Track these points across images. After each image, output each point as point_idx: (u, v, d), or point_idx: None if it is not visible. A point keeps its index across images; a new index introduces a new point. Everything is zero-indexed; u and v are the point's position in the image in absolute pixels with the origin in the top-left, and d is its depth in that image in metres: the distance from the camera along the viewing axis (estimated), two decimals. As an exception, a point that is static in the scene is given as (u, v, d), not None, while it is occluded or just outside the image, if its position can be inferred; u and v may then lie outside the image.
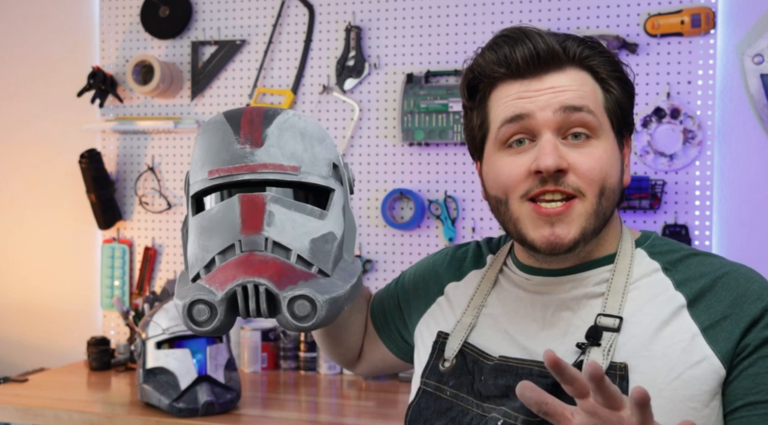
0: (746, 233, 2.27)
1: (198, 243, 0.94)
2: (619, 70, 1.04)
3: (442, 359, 1.11)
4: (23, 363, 2.86)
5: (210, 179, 0.94)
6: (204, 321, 0.88)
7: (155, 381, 2.06)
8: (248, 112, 0.97)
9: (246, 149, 0.93)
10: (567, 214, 0.98)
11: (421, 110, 2.45)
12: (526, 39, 1.00)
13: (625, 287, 1.02)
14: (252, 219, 0.91)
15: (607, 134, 1.02)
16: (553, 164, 0.97)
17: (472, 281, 1.17)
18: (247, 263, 0.89)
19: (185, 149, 2.75)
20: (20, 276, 2.94)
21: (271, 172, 0.93)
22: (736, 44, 2.25)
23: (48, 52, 2.90)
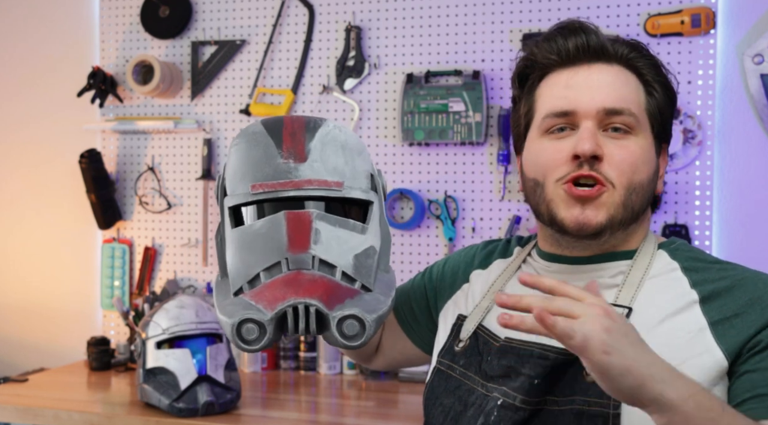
0: (746, 233, 2.27)
1: (240, 257, 0.93)
2: (663, 76, 1.09)
3: (457, 340, 1.15)
4: (23, 363, 2.86)
5: (253, 194, 0.93)
6: (253, 340, 0.89)
7: (155, 381, 2.06)
8: (289, 123, 0.97)
9: (290, 163, 0.94)
10: (598, 197, 1.03)
11: (421, 110, 2.45)
12: (581, 31, 1.08)
13: (640, 281, 1.04)
14: (299, 237, 0.92)
15: (646, 135, 1.06)
16: (590, 149, 1.01)
17: (496, 270, 1.22)
18: (296, 282, 0.90)
19: (185, 149, 2.75)
20: (20, 276, 2.94)
21: (316, 189, 0.93)
22: (736, 44, 2.25)
23: (48, 52, 2.90)
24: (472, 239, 2.46)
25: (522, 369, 1.03)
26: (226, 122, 2.71)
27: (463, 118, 2.41)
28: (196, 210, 2.74)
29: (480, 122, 2.40)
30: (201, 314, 2.15)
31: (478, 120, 2.40)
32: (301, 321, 0.89)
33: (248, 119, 2.68)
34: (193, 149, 2.74)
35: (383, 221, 1.02)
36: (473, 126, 2.40)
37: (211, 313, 2.19)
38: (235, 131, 2.70)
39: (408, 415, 2.06)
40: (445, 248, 2.48)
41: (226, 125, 2.71)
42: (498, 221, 2.44)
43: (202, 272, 2.74)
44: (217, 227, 0.99)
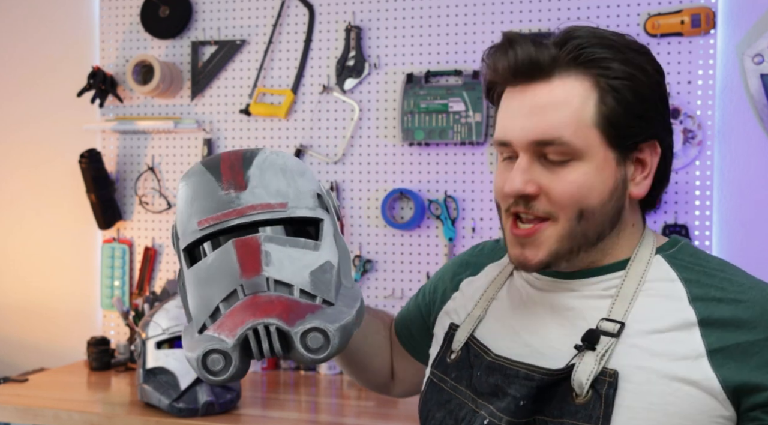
0: (746, 233, 2.27)
1: (198, 295, 0.93)
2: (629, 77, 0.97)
3: (449, 351, 1.12)
4: (23, 363, 2.86)
5: (200, 230, 0.94)
6: (220, 370, 0.88)
7: (155, 381, 2.06)
8: (226, 157, 0.97)
9: (231, 194, 0.94)
10: (535, 237, 0.99)
11: (421, 110, 2.45)
12: (509, 47, 0.98)
13: (634, 293, 0.98)
14: (250, 262, 0.91)
15: (593, 154, 0.97)
16: (513, 191, 0.98)
17: (488, 275, 1.18)
18: (253, 305, 0.89)
19: (185, 149, 2.75)
20: (20, 276, 2.94)
21: (260, 212, 0.94)
22: (736, 44, 2.25)
23: (48, 52, 2.90)
24: (472, 239, 2.46)
25: (508, 389, 1.00)
26: (226, 122, 2.71)
27: (463, 118, 2.41)
28: (196, 210, 2.73)
29: (480, 122, 2.40)
30: (201, 314, 2.14)
31: (478, 120, 2.40)
32: (264, 342, 0.88)
33: (248, 119, 2.68)
34: (193, 149, 2.74)
35: (339, 237, 1.01)
36: (473, 126, 2.40)
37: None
38: (235, 131, 2.70)
39: (408, 415, 2.06)
40: (445, 248, 2.48)
41: (226, 125, 2.71)
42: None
43: (202, 272, 2.73)
44: (177, 274, 1.01)
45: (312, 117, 2.62)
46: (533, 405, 0.98)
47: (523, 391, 0.98)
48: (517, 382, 0.99)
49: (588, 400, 0.94)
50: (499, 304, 1.12)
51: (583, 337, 0.97)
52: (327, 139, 2.60)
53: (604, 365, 0.94)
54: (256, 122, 2.68)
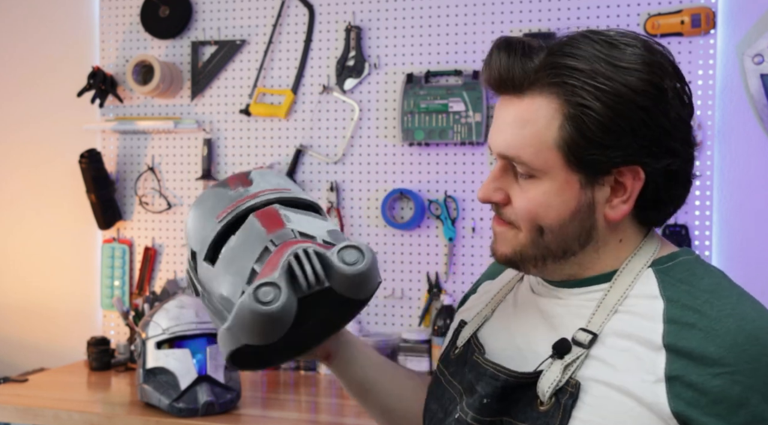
0: (746, 233, 2.27)
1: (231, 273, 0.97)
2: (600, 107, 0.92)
3: (454, 346, 1.14)
4: (23, 363, 2.85)
5: (219, 222, 1.00)
6: (271, 300, 0.90)
7: (155, 381, 2.06)
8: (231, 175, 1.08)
9: (239, 189, 1.03)
10: (502, 232, 1.03)
11: (421, 110, 2.45)
12: (490, 57, 0.99)
13: (614, 306, 0.97)
14: (273, 221, 0.99)
15: (554, 175, 0.96)
16: (481, 197, 1.03)
17: (503, 279, 1.20)
18: (287, 246, 0.95)
19: (185, 149, 2.75)
20: (20, 276, 2.94)
21: (270, 192, 1.02)
22: (736, 44, 2.25)
23: (48, 52, 2.90)
24: (472, 239, 2.46)
25: (477, 386, 1.02)
26: (226, 122, 2.71)
27: (463, 118, 2.41)
28: (196, 210, 2.73)
29: (480, 122, 2.40)
30: (201, 314, 2.15)
31: (478, 120, 2.40)
32: (307, 266, 0.92)
33: (248, 119, 2.68)
34: (193, 149, 2.74)
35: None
36: (473, 126, 2.40)
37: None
38: (235, 131, 2.70)
39: (408, 415, 2.06)
40: (445, 248, 2.48)
41: (226, 125, 2.71)
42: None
43: (202, 272, 2.73)
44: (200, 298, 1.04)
45: (312, 117, 2.62)
46: (497, 405, 0.99)
47: (488, 389, 1.00)
48: (484, 380, 1.01)
49: (549, 408, 0.95)
50: (505, 306, 1.13)
51: (554, 345, 0.97)
52: (327, 139, 2.60)
53: (570, 375, 0.95)
54: (256, 122, 2.68)
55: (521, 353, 1.03)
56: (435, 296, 2.49)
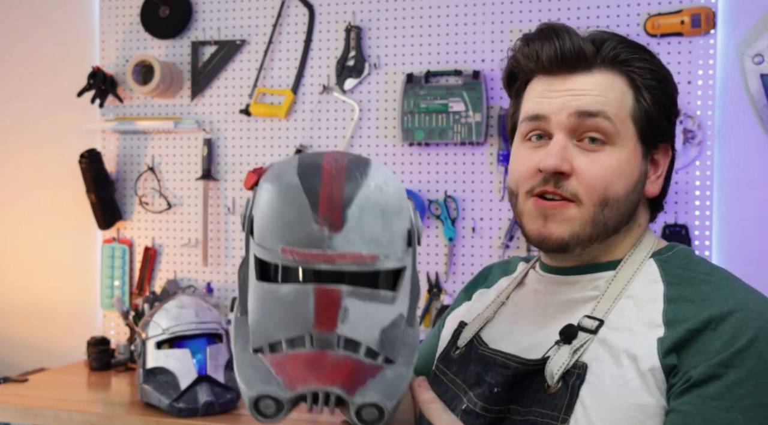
0: (746, 233, 2.27)
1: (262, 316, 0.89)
2: (658, 79, 1.03)
3: (454, 347, 1.14)
4: (23, 363, 2.86)
5: (283, 259, 0.87)
6: (270, 415, 0.87)
7: (155, 381, 2.06)
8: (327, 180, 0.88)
9: (324, 232, 0.86)
10: (560, 211, 1.00)
11: (421, 110, 2.45)
12: (554, 37, 1.01)
13: (619, 293, 1.00)
14: (326, 316, 0.87)
15: (627, 142, 1.00)
16: (552, 166, 0.98)
17: (500, 286, 1.20)
18: (319, 366, 0.87)
19: (185, 149, 2.75)
20: (20, 276, 2.94)
21: (349, 264, 0.87)
22: (736, 44, 2.25)
23: (48, 52, 2.90)
24: (472, 239, 2.46)
25: (485, 377, 1.03)
26: (226, 122, 2.71)
27: (463, 118, 2.41)
28: (196, 210, 2.74)
29: (480, 122, 2.40)
30: (201, 314, 2.15)
31: (478, 120, 2.40)
32: (320, 406, 0.87)
33: (248, 119, 2.68)
34: (193, 149, 2.74)
35: (414, 275, 0.96)
36: (473, 126, 2.40)
37: (211, 313, 2.19)
38: (235, 131, 2.70)
39: (408, 415, 2.06)
40: (445, 248, 2.48)
41: (226, 125, 2.71)
42: (498, 221, 2.44)
43: (202, 272, 2.74)
44: (241, 261, 0.94)
45: (312, 117, 2.62)
46: (507, 394, 1.00)
47: (498, 378, 1.01)
48: (493, 369, 1.03)
49: (557, 391, 0.96)
50: (507, 308, 1.14)
51: (560, 331, 0.99)
52: (327, 139, 2.60)
53: (577, 359, 0.97)
54: (256, 122, 2.68)
55: (526, 348, 1.04)
56: (435, 296, 2.49)
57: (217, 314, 2.21)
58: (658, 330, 0.95)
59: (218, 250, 2.72)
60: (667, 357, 0.92)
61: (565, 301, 1.05)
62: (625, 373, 0.94)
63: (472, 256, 2.47)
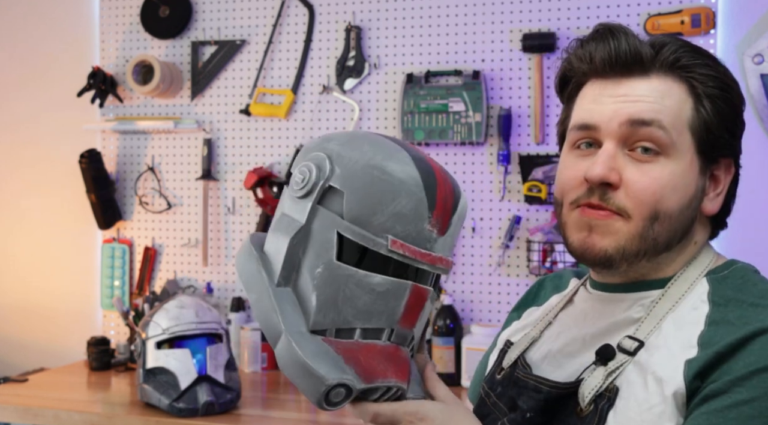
0: (746, 234, 2.27)
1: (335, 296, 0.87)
2: (722, 88, 0.96)
3: (500, 368, 1.10)
4: (23, 363, 2.85)
5: (390, 249, 0.87)
6: (337, 402, 0.87)
7: (155, 381, 2.06)
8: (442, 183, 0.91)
9: (433, 234, 0.89)
10: (606, 223, 0.94)
11: (421, 110, 2.45)
12: (610, 37, 0.95)
13: (665, 315, 0.94)
14: (412, 314, 0.90)
15: (682, 155, 0.94)
16: (598, 176, 0.92)
17: (551, 303, 1.15)
18: (395, 360, 0.89)
19: (185, 149, 2.75)
20: (20, 276, 2.94)
21: (442, 268, 0.91)
22: (736, 44, 2.25)
23: (48, 51, 2.90)
24: (472, 239, 2.46)
25: (518, 401, 0.99)
26: (226, 122, 2.71)
27: (463, 118, 2.41)
28: (196, 210, 2.74)
29: (480, 122, 2.40)
30: (201, 314, 2.15)
31: (478, 120, 2.40)
32: (384, 398, 0.89)
33: (248, 119, 2.68)
34: (193, 149, 2.74)
35: None
36: (473, 126, 2.40)
37: (211, 313, 2.19)
38: (235, 131, 2.69)
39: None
40: (445, 248, 2.47)
41: (226, 125, 2.71)
42: (498, 221, 2.44)
43: (202, 272, 2.74)
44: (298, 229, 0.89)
45: (312, 117, 2.62)
46: (540, 418, 0.97)
47: (531, 403, 0.97)
48: (526, 394, 0.99)
49: (588, 414, 0.92)
50: (554, 327, 1.09)
51: (597, 351, 0.94)
52: (327, 139, 2.60)
53: (611, 381, 0.92)
54: (256, 122, 2.68)
55: (564, 368, 1.00)
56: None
57: (217, 314, 2.21)
58: (691, 351, 0.89)
59: (218, 250, 2.72)
60: (693, 382, 0.87)
61: (610, 320, 0.99)
62: (650, 398, 0.89)
63: (472, 256, 2.47)
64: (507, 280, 2.44)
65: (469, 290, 2.48)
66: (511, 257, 2.43)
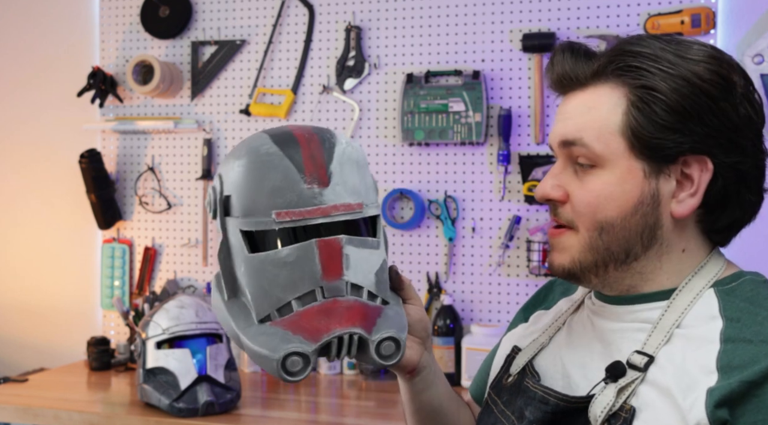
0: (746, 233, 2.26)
1: (262, 284, 0.93)
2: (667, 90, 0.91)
3: (507, 374, 1.09)
4: (23, 363, 2.86)
5: (279, 222, 0.92)
6: (297, 371, 0.90)
7: (155, 381, 2.06)
8: (305, 144, 0.94)
9: (314, 189, 0.93)
10: (559, 240, 0.98)
11: (421, 110, 2.45)
12: (552, 64, 1.00)
13: (671, 327, 0.92)
14: (332, 265, 0.93)
15: (616, 162, 0.94)
16: (539, 195, 0.98)
17: (560, 308, 1.15)
18: (335, 311, 0.92)
19: (185, 149, 2.75)
20: (20, 276, 2.94)
21: (342, 214, 0.94)
22: (736, 44, 2.25)
23: (48, 52, 2.90)
24: (472, 239, 2.46)
25: (525, 412, 0.99)
26: (226, 122, 2.71)
27: (463, 118, 2.41)
28: (196, 210, 2.74)
29: (480, 122, 2.40)
30: (201, 314, 2.15)
31: (478, 120, 2.40)
32: (344, 349, 0.92)
33: (248, 119, 2.68)
34: (193, 149, 2.74)
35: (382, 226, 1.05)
36: (473, 126, 2.40)
37: (212, 313, 2.19)
38: (235, 131, 2.69)
39: (408, 415, 2.06)
40: (445, 248, 2.48)
41: (226, 125, 2.71)
42: (498, 221, 2.44)
43: (202, 272, 2.74)
44: (220, 245, 0.97)
45: (312, 117, 2.62)
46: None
47: (537, 414, 0.97)
48: (533, 404, 0.98)
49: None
50: (562, 334, 1.08)
51: (607, 368, 0.93)
52: (327, 139, 2.60)
53: (624, 400, 0.90)
54: (256, 122, 2.68)
55: (573, 379, 0.99)
56: (435, 296, 2.49)
57: (217, 314, 2.21)
58: (711, 378, 0.86)
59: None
60: (718, 411, 0.84)
61: (616, 332, 0.98)
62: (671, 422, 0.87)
63: (472, 256, 2.47)
64: (507, 280, 2.44)
65: (469, 291, 2.48)
66: (511, 257, 2.43)
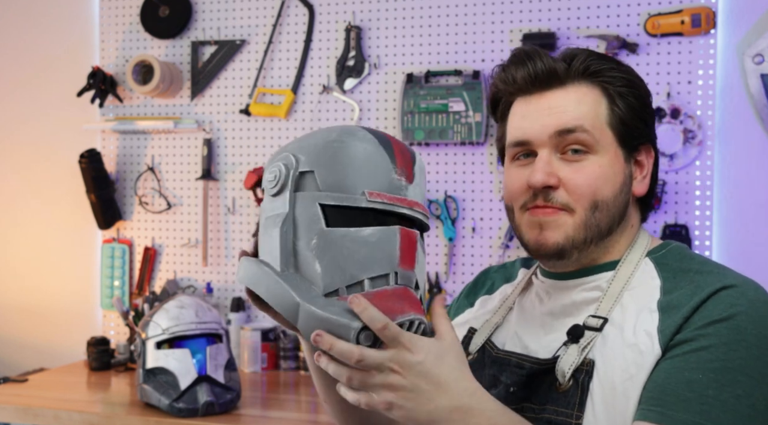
0: (746, 233, 2.27)
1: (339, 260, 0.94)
2: (629, 85, 1.09)
3: (467, 353, 1.16)
4: (23, 363, 2.86)
5: (370, 200, 0.94)
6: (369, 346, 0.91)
7: (155, 381, 2.06)
8: (394, 139, 1.00)
9: (402, 182, 0.97)
10: (554, 219, 1.06)
11: (421, 109, 2.45)
12: (527, 59, 1.08)
13: (620, 293, 1.06)
14: (409, 256, 0.96)
15: (606, 149, 1.07)
16: (539, 182, 1.05)
17: (503, 293, 1.24)
18: (409, 299, 0.94)
19: (185, 149, 2.75)
20: (20, 276, 2.94)
21: (419, 212, 0.98)
22: (736, 44, 2.25)
23: (48, 51, 2.90)
24: (472, 239, 2.46)
25: (501, 377, 1.08)
26: (226, 122, 2.71)
27: (463, 118, 2.41)
28: (196, 210, 2.74)
29: (480, 121, 2.40)
30: (201, 314, 2.14)
31: (478, 120, 2.40)
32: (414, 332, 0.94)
33: (248, 119, 2.68)
34: (193, 149, 2.74)
35: None
36: (473, 126, 2.40)
37: (211, 313, 2.19)
38: (235, 131, 2.69)
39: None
40: (445, 248, 2.48)
41: (226, 125, 2.71)
42: (498, 221, 2.44)
43: (202, 272, 2.74)
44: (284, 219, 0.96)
45: (312, 117, 2.62)
46: (522, 392, 1.06)
47: (514, 378, 1.07)
48: (508, 370, 1.08)
49: (569, 388, 1.02)
50: (514, 314, 1.18)
51: (568, 331, 1.04)
52: (327, 139, 2.60)
53: (585, 356, 1.02)
54: (256, 122, 2.68)
55: (530, 349, 1.10)
56: (435, 296, 2.49)
57: (216, 314, 2.21)
58: (653, 316, 1.01)
59: (218, 250, 2.72)
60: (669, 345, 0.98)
61: (569, 303, 1.10)
62: (629, 367, 0.99)
63: (472, 256, 2.47)
64: (507, 280, 2.44)
65: (469, 290, 2.48)
66: (511, 258, 2.43)
